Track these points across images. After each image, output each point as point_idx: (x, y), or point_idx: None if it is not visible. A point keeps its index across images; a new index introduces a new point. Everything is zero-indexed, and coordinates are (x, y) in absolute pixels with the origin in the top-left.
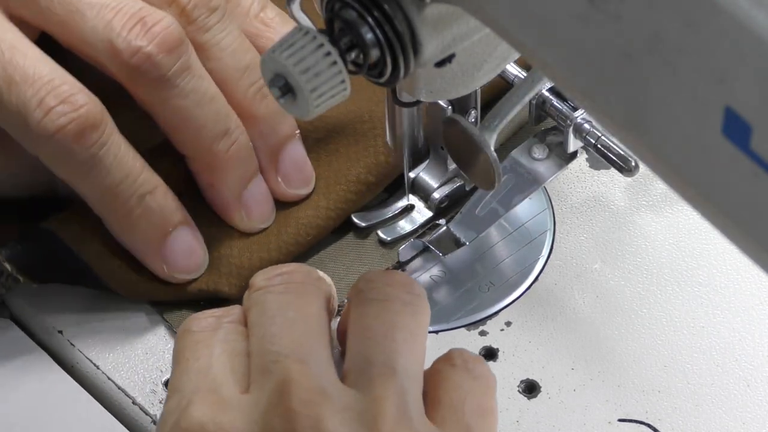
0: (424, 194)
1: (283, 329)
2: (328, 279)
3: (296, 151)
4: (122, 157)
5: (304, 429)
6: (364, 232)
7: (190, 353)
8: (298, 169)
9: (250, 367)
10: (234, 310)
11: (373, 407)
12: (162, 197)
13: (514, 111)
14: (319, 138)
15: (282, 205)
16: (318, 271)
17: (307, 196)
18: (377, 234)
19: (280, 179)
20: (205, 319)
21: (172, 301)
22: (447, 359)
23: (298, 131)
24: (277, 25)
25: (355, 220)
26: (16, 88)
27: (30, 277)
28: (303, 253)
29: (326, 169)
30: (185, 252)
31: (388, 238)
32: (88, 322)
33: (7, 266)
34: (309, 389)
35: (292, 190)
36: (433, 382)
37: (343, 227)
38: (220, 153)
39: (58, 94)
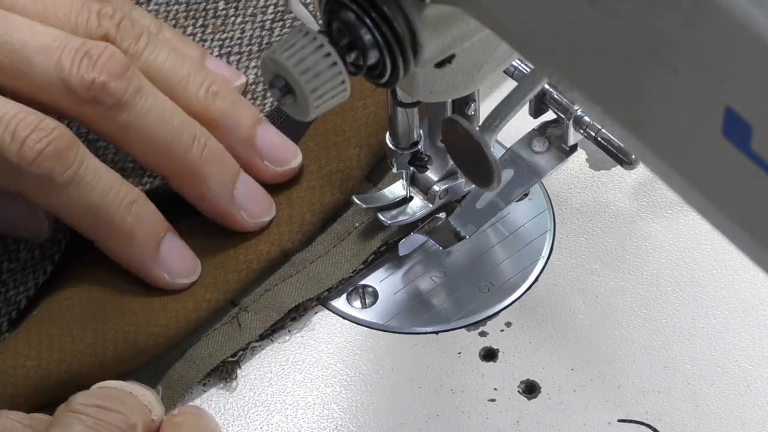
0: (423, 187)
1: None
2: (154, 412)
3: (270, 131)
4: (101, 171)
5: None
6: (364, 214)
7: None
8: (280, 145)
9: None
10: (41, 425)
11: None
12: (146, 204)
13: (515, 111)
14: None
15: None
16: (143, 402)
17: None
18: (378, 217)
19: (267, 163)
20: (11, 421)
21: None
22: None
23: (262, 114)
24: (177, 44)
25: (357, 201)
26: None
27: None
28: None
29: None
30: (179, 256)
31: (389, 221)
32: None
33: None
34: None
35: (282, 168)
36: None
37: (342, 210)
38: (195, 160)
39: (27, 124)
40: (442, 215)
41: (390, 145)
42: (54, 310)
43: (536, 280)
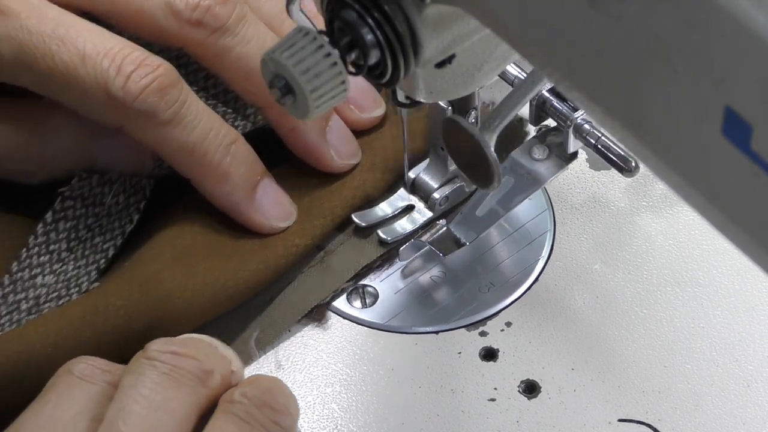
0: (424, 194)
1: (141, 413)
2: (234, 364)
3: (357, 77)
4: (202, 112)
5: None
6: (364, 232)
7: (55, 397)
8: (366, 92)
9: None
10: (119, 371)
11: None
12: (245, 147)
13: (514, 111)
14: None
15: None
16: (223, 353)
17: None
18: (377, 234)
19: (353, 107)
20: (90, 366)
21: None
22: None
23: None
24: None
25: (356, 219)
26: (91, 61)
27: None
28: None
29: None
30: (275, 200)
31: (389, 239)
32: None
33: None
34: None
35: (365, 115)
36: None
37: (342, 227)
38: None
39: (132, 59)
40: (443, 221)
41: None
42: (143, 259)
43: (536, 279)
